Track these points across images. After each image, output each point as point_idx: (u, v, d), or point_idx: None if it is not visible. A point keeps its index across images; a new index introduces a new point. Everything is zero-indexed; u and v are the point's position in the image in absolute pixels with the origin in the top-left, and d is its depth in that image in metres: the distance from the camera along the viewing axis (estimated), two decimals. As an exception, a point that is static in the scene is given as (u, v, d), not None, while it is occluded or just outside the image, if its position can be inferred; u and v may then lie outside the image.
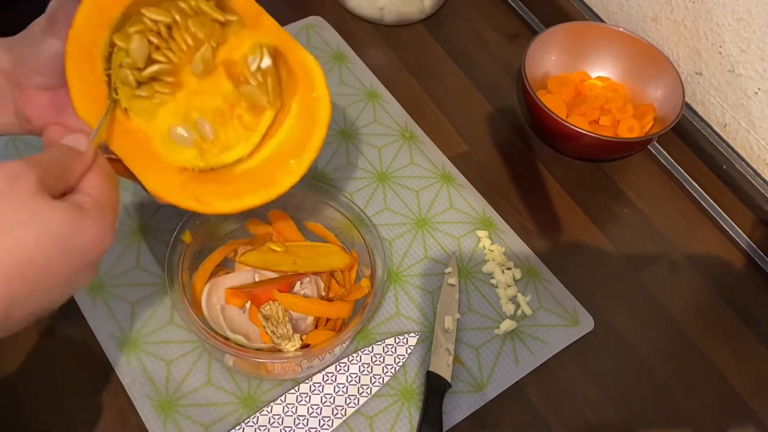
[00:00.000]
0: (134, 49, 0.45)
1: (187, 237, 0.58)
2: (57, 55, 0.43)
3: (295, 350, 0.55)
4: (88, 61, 0.44)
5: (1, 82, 0.45)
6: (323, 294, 0.60)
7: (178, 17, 0.46)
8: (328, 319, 0.59)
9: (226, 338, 0.55)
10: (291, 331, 0.55)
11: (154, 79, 0.47)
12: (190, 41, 0.47)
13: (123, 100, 0.46)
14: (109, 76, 0.45)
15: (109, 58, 0.45)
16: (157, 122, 0.47)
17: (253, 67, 0.48)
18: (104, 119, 0.44)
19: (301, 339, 0.56)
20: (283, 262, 0.59)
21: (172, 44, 0.47)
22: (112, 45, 0.45)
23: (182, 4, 0.46)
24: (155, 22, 0.46)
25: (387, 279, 0.62)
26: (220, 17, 0.47)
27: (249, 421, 0.55)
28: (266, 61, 0.48)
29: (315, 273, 0.60)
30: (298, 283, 0.59)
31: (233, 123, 0.49)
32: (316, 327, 0.58)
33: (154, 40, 0.46)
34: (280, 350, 0.55)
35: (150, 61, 0.46)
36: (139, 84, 0.46)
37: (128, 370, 0.56)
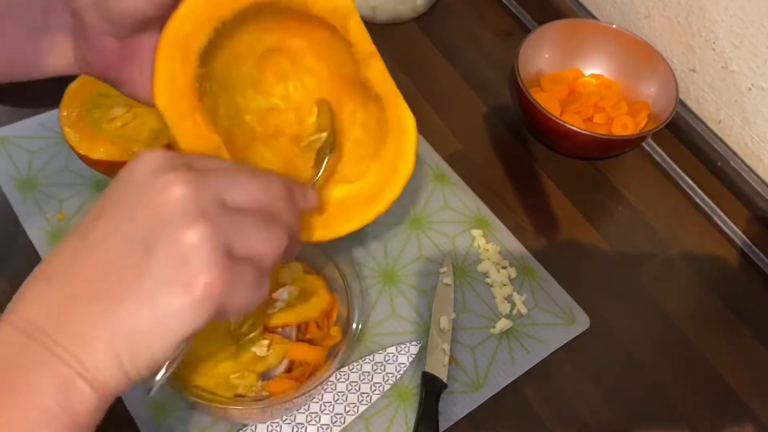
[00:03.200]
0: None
1: None
2: (138, 11, 0.40)
3: (255, 399, 0.51)
4: (182, 52, 0.42)
5: (65, 20, 0.43)
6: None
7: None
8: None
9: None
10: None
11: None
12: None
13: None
14: (199, 74, 0.43)
15: (205, 54, 0.43)
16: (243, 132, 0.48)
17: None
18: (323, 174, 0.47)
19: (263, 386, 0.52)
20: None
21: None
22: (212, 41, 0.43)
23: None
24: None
25: (359, 332, 0.56)
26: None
27: (246, 430, 0.54)
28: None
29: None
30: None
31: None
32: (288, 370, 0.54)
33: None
34: (238, 397, 0.52)
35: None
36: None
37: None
